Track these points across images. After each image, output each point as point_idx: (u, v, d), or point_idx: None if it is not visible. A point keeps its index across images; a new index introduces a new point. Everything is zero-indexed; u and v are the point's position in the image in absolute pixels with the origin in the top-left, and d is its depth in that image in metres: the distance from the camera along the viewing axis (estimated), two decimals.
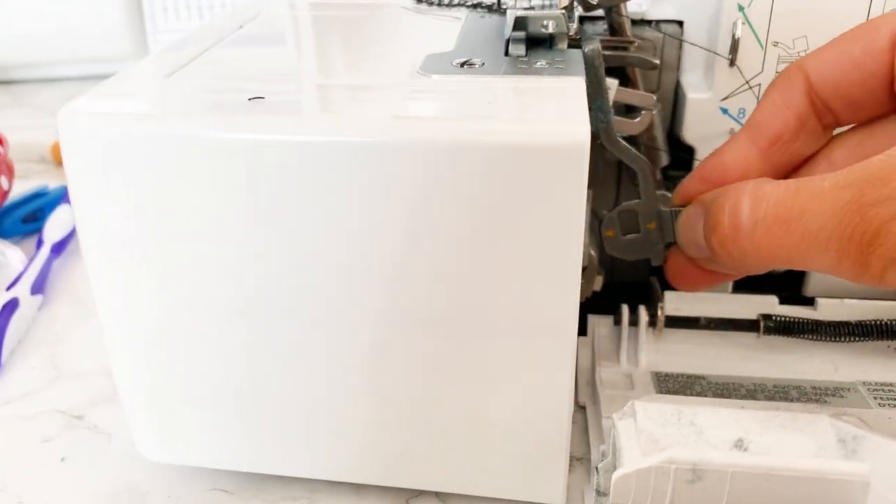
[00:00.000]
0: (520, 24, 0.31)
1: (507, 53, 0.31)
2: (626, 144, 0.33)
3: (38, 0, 0.81)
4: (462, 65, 0.30)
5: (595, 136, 0.31)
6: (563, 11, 0.31)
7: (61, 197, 0.55)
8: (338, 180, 0.25)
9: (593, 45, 0.31)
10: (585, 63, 0.31)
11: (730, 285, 0.39)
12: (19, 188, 0.58)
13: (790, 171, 0.31)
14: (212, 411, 0.30)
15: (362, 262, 0.26)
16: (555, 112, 0.25)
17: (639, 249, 0.33)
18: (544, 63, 0.29)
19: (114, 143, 0.25)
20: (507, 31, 0.31)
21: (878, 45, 0.27)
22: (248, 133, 0.25)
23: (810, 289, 0.39)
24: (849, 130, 0.30)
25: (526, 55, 0.31)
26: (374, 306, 0.26)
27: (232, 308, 0.27)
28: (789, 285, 0.39)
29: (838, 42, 0.29)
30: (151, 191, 0.26)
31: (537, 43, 0.32)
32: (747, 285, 0.39)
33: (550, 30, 0.31)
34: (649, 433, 0.25)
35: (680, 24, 0.37)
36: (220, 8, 0.84)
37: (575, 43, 0.32)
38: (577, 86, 0.27)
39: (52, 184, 0.62)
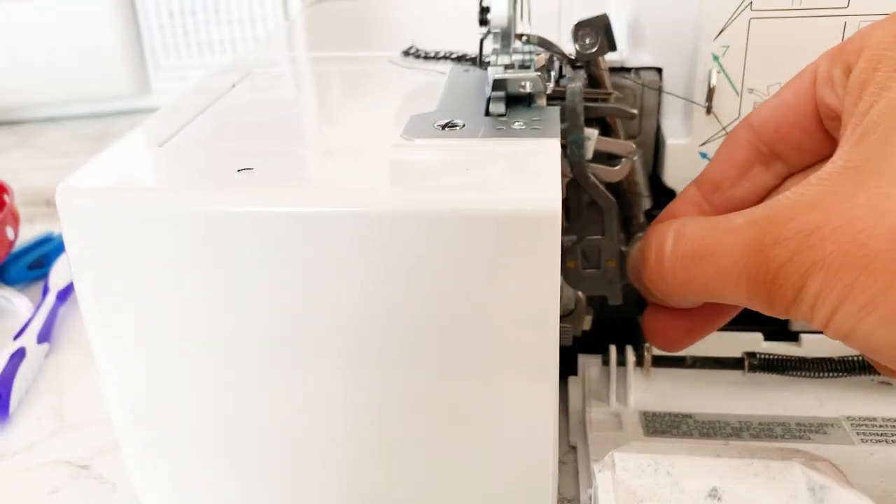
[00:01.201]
0: (499, 85, 0.32)
1: (487, 112, 0.32)
2: (596, 181, 0.34)
3: (40, 41, 0.83)
4: (444, 127, 0.31)
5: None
6: (540, 74, 0.32)
7: None
8: (319, 249, 0.26)
9: (575, 85, 0.32)
10: (566, 100, 0.32)
11: None
12: (25, 233, 0.60)
13: (747, 205, 0.32)
14: (205, 460, 0.31)
15: (343, 322, 0.27)
16: (528, 179, 0.26)
17: (597, 285, 0.35)
18: (522, 123, 0.31)
19: (105, 217, 0.27)
20: (488, 91, 0.33)
21: (805, 85, 0.28)
22: (234, 206, 0.26)
23: (796, 324, 0.40)
24: (799, 171, 0.31)
25: (506, 113, 0.32)
26: (357, 358, 0.27)
27: (219, 367, 0.28)
28: (775, 320, 0.40)
29: (779, 91, 0.30)
30: (143, 261, 0.27)
31: (517, 100, 0.33)
32: (733, 321, 0.40)
33: (528, 90, 0.32)
34: (626, 485, 0.26)
35: (659, 70, 0.39)
36: (219, 45, 0.86)
37: (558, 94, 0.34)
38: (551, 150, 0.28)
39: (58, 228, 0.64)
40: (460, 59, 0.40)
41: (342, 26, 0.53)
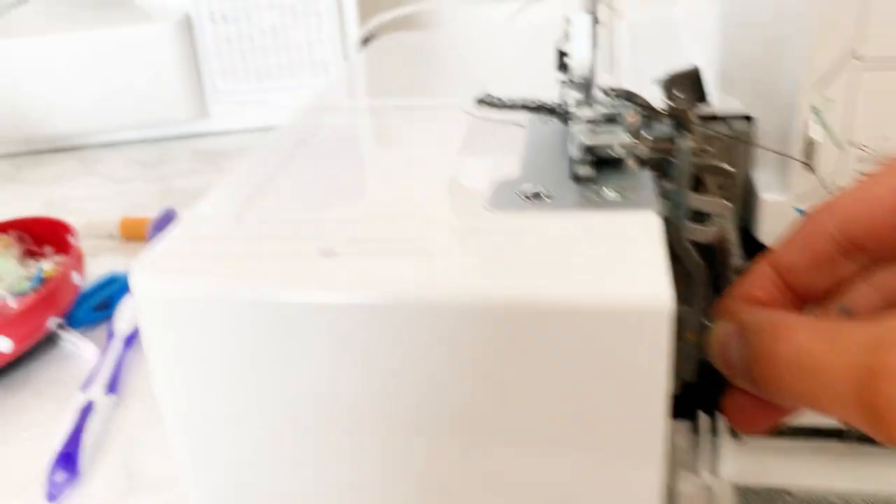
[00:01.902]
0: (588, 150, 0.30)
1: (574, 175, 0.30)
2: (689, 246, 0.32)
3: (101, 67, 0.83)
4: (530, 197, 0.29)
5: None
6: (635, 141, 0.30)
7: None
8: (407, 340, 0.24)
9: (686, 142, 0.31)
10: (674, 159, 0.31)
11: None
12: (89, 268, 0.59)
13: (823, 292, 0.30)
14: None
15: (433, 413, 0.25)
16: (633, 267, 0.24)
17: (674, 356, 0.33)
18: (614, 192, 0.29)
19: (178, 306, 0.26)
20: (572, 151, 0.31)
21: None
22: (323, 296, 0.24)
23: None
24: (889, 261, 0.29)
25: (594, 178, 0.30)
26: (450, 448, 0.26)
27: (289, 448, 0.27)
28: None
29: (866, 182, 0.28)
30: (220, 349, 0.26)
31: (605, 162, 0.31)
32: None
33: (619, 154, 0.30)
34: None
35: (749, 119, 0.36)
36: (276, 69, 0.85)
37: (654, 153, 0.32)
38: (651, 227, 0.26)
39: (121, 261, 0.64)
40: (539, 108, 0.38)
41: (408, 66, 0.51)
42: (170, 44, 0.82)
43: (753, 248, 0.37)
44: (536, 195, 0.29)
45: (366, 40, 0.88)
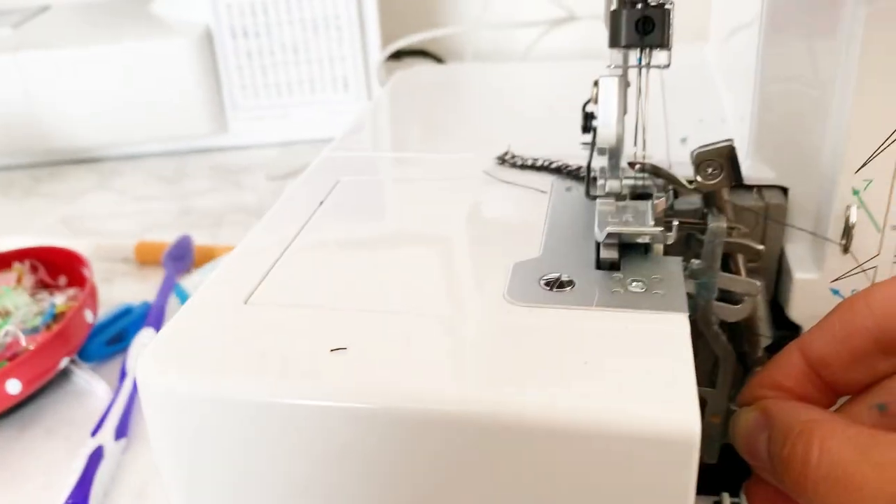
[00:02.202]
0: (613, 236, 0.29)
1: (598, 263, 0.29)
2: (719, 331, 0.31)
3: (120, 81, 0.83)
4: (551, 285, 0.28)
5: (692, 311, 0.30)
6: (661, 229, 0.28)
7: (144, 316, 0.55)
8: (407, 446, 0.23)
9: (718, 224, 0.30)
10: (705, 240, 0.30)
11: None
12: (103, 295, 0.59)
13: (858, 387, 0.29)
14: None
15: None
16: (660, 387, 0.23)
17: None
18: (640, 284, 0.27)
19: (180, 400, 0.25)
20: (598, 234, 0.30)
21: None
22: (321, 401, 0.23)
23: None
24: None
25: (619, 264, 0.29)
26: None
27: None
28: None
29: None
30: (220, 442, 0.25)
31: (629, 247, 0.30)
32: None
33: (646, 241, 0.29)
34: None
35: (784, 190, 0.35)
36: (297, 86, 0.84)
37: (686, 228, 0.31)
38: (681, 335, 0.25)
39: (136, 288, 0.63)
40: (560, 170, 0.37)
41: (428, 109, 0.50)
42: (190, 58, 0.81)
43: (785, 325, 0.35)
44: (559, 283, 0.28)
45: (392, 56, 0.87)
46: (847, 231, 0.32)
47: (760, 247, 0.32)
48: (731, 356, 0.31)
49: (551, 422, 0.22)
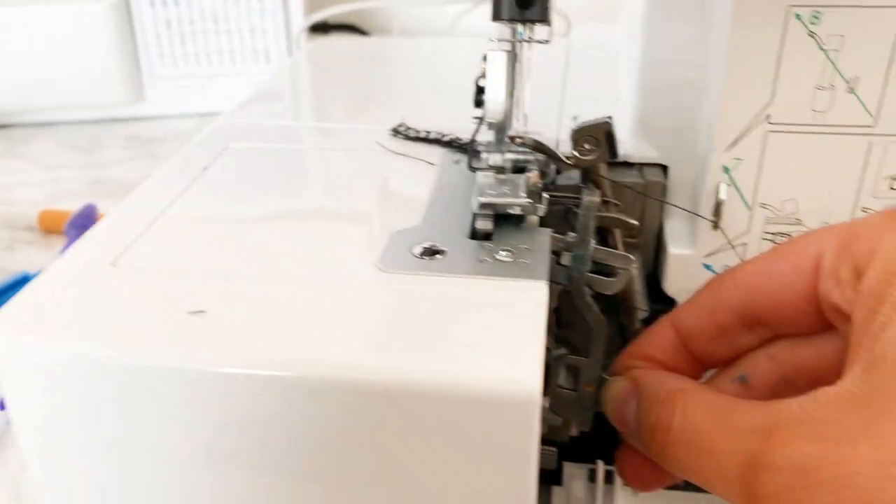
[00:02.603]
0: (486, 207, 0.29)
1: (473, 233, 0.30)
2: (591, 301, 0.32)
3: (33, 46, 0.80)
4: (423, 254, 0.28)
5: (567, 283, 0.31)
6: (530, 201, 0.29)
7: None
8: (259, 409, 0.23)
9: (591, 199, 0.30)
10: (579, 213, 0.30)
11: None
12: (3, 262, 0.57)
13: (723, 360, 0.30)
14: None
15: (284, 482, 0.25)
16: (506, 352, 0.23)
17: (570, 408, 0.33)
18: (509, 254, 0.28)
19: (36, 365, 0.24)
20: (475, 204, 0.30)
21: (806, 269, 0.26)
22: (176, 363, 0.23)
23: None
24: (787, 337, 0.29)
25: (492, 234, 0.29)
26: None
27: None
28: None
29: (771, 256, 0.28)
30: (78, 409, 0.25)
31: (506, 217, 0.30)
32: None
33: (517, 212, 0.29)
34: None
35: (664, 168, 0.36)
36: (216, 55, 0.83)
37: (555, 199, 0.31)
38: (537, 302, 0.25)
39: (38, 256, 0.62)
40: (452, 143, 0.37)
41: (337, 79, 0.50)
42: (106, 24, 0.79)
43: (661, 300, 0.36)
44: (430, 252, 0.28)
45: (315, 29, 0.86)
46: (717, 208, 0.33)
47: (635, 222, 0.33)
48: (604, 326, 0.32)
49: (400, 385, 0.22)
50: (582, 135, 0.32)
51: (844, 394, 0.21)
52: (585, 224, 0.31)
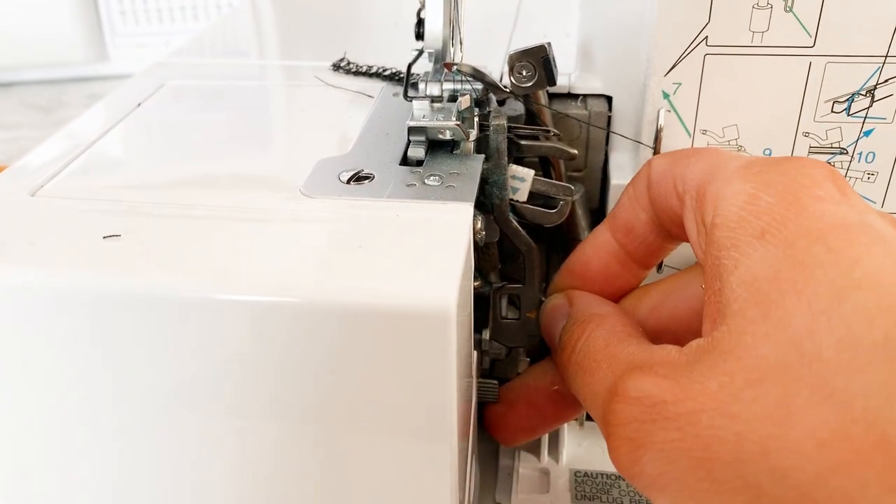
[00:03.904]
0: (416, 131, 0.29)
1: (404, 159, 0.29)
2: (517, 226, 0.31)
3: None
4: (350, 180, 0.28)
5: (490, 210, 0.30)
6: (460, 121, 0.28)
7: None
8: (187, 335, 0.23)
9: (499, 121, 0.30)
10: (489, 138, 0.30)
11: None
12: None
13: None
14: None
15: (221, 405, 0.24)
16: (425, 267, 0.23)
17: (516, 337, 0.33)
18: (437, 178, 0.27)
19: None
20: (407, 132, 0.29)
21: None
22: (87, 284, 0.23)
23: None
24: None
25: (423, 161, 0.29)
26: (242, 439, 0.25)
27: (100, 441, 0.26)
28: None
29: (673, 163, 0.27)
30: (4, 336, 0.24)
31: (439, 144, 0.30)
32: None
33: (448, 137, 0.29)
34: None
35: (609, 99, 0.35)
36: (179, 12, 0.81)
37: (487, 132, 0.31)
38: (461, 222, 0.25)
39: None
40: (393, 77, 0.37)
41: (282, 18, 0.49)
42: None
43: None
44: (357, 176, 0.28)
45: None
46: (658, 135, 0.32)
47: (574, 151, 0.33)
48: (536, 253, 0.32)
49: (328, 304, 0.22)
50: (517, 60, 0.31)
51: (703, 342, 0.21)
52: (497, 147, 0.30)
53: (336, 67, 0.38)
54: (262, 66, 0.39)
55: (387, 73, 0.37)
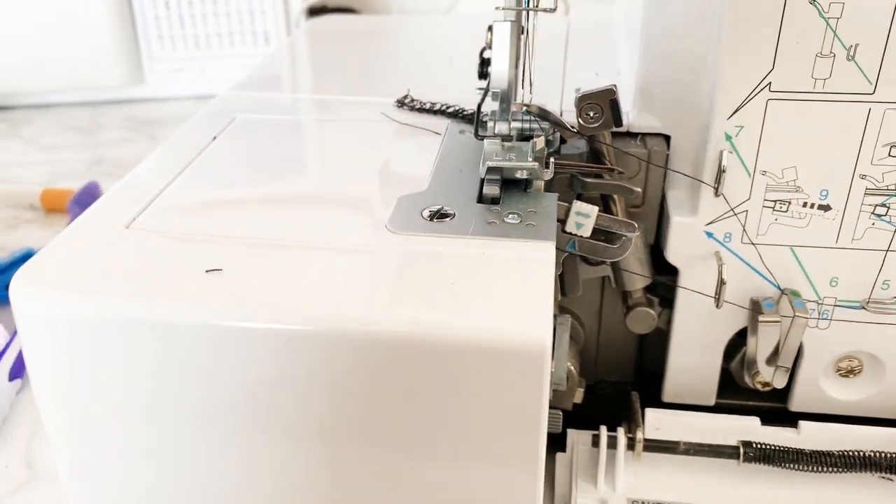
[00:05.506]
0: (494, 171, 0.30)
1: (480, 197, 0.30)
2: None
3: (34, 27, 0.80)
4: (432, 217, 0.29)
5: None
6: (537, 164, 0.29)
7: None
8: (280, 363, 0.24)
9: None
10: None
11: (712, 397, 0.39)
12: (5, 241, 0.58)
13: None
14: None
15: (322, 427, 0.25)
16: (517, 305, 0.24)
17: None
18: (516, 216, 0.29)
19: (56, 321, 0.25)
20: (482, 170, 0.31)
21: None
22: (199, 320, 0.24)
23: (795, 404, 0.38)
24: None
25: (500, 199, 0.30)
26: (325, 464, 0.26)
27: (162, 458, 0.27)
28: (770, 399, 0.38)
29: None
30: (92, 363, 0.25)
31: (512, 182, 0.31)
32: (734, 394, 0.39)
33: (524, 176, 0.30)
34: None
35: (666, 138, 0.36)
36: (215, 38, 0.83)
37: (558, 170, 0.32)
38: (545, 261, 0.26)
39: (41, 234, 0.62)
40: (457, 114, 0.38)
41: (341, 55, 0.50)
42: (105, 5, 0.79)
43: (664, 269, 0.37)
44: (439, 214, 0.29)
45: (314, 11, 0.85)
46: (719, 175, 0.33)
47: (637, 188, 0.34)
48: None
49: (418, 337, 0.23)
50: (586, 102, 0.32)
51: None
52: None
53: (400, 104, 0.39)
54: (324, 101, 0.41)
55: (450, 110, 0.38)
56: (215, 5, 0.81)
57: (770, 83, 0.32)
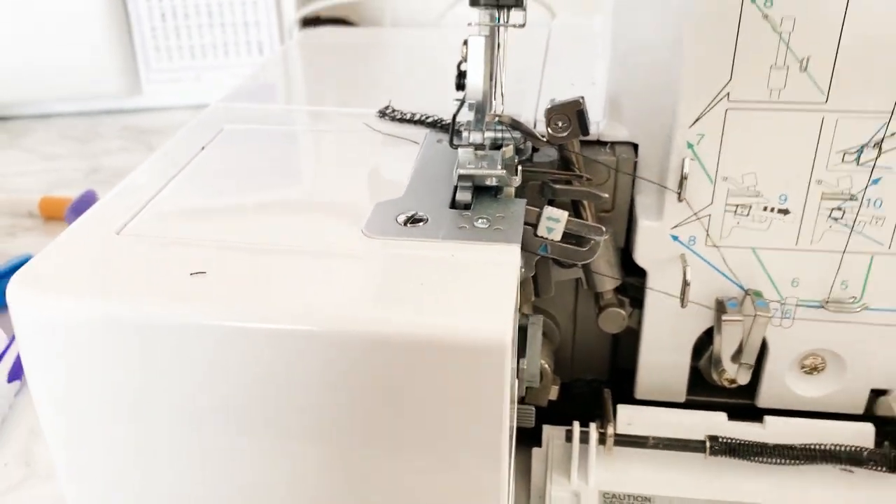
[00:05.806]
0: (465, 178, 0.31)
1: (453, 203, 0.32)
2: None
3: (31, 38, 0.82)
4: (407, 222, 0.30)
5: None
6: (504, 172, 0.31)
7: None
8: (258, 362, 0.26)
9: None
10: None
11: (683, 394, 0.40)
12: (5, 249, 0.59)
13: None
14: None
15: (299, 424, 0.27)
16: (480, 304, 0.25)
17: None
18: (485, 221, 0.30)
19: (49, 322, 0.26)
20: (455, 179, 0.32)
21: None
22: (184, 319, 0.26)
23: (762, 400, 0.40)
24: None
25: (471, 204, 0.32)
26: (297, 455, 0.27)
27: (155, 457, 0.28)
28: (737, 395, 0.40)
29: None
30: (92, 365, 0.27)
31: (484, 189, 0.32)
32: (704, 392, 0.40)
33: (494, 183, 0.32)
34: None
35: (635, 147, 0.38)
36: (211, 49, 0.85)
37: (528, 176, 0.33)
38: (510, 262, 0.28)
39: (40, 242, 0.64)
40: (435, 124, 0.40)
41: (325, 68, 0.52)
42: (102, 16, 0.81)
43: (633, 271, 0.38)
44: (413, 220, 0.31)
45: (308, 22, 0.87)
46: (682, 181, 0.35)
47: (605, 195, 0.35)
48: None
49: (386, 335, 0.25)
50: (554, 113, 0.34)
51: None
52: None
53: (382, 114, 0.41)
54: (310, 111, 0.42)
55: (429, 120, 0.40)
56: (210, 17, 0.83)
57: (728, 94, 0.33)
